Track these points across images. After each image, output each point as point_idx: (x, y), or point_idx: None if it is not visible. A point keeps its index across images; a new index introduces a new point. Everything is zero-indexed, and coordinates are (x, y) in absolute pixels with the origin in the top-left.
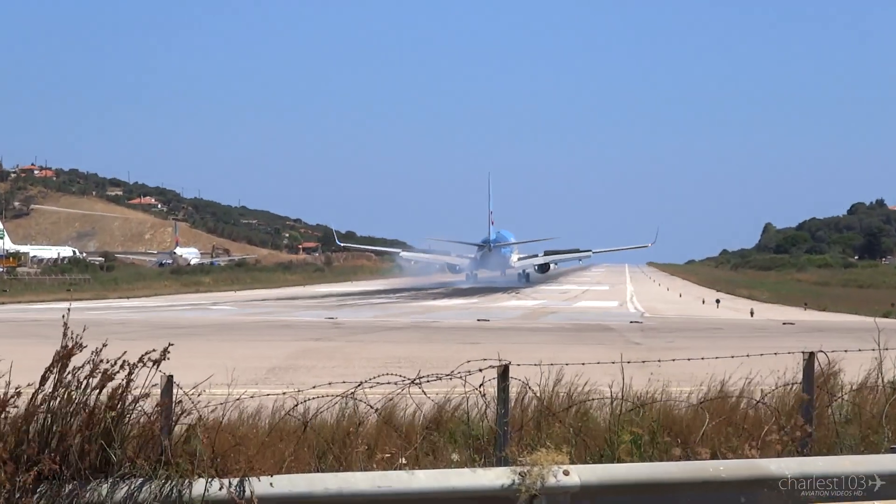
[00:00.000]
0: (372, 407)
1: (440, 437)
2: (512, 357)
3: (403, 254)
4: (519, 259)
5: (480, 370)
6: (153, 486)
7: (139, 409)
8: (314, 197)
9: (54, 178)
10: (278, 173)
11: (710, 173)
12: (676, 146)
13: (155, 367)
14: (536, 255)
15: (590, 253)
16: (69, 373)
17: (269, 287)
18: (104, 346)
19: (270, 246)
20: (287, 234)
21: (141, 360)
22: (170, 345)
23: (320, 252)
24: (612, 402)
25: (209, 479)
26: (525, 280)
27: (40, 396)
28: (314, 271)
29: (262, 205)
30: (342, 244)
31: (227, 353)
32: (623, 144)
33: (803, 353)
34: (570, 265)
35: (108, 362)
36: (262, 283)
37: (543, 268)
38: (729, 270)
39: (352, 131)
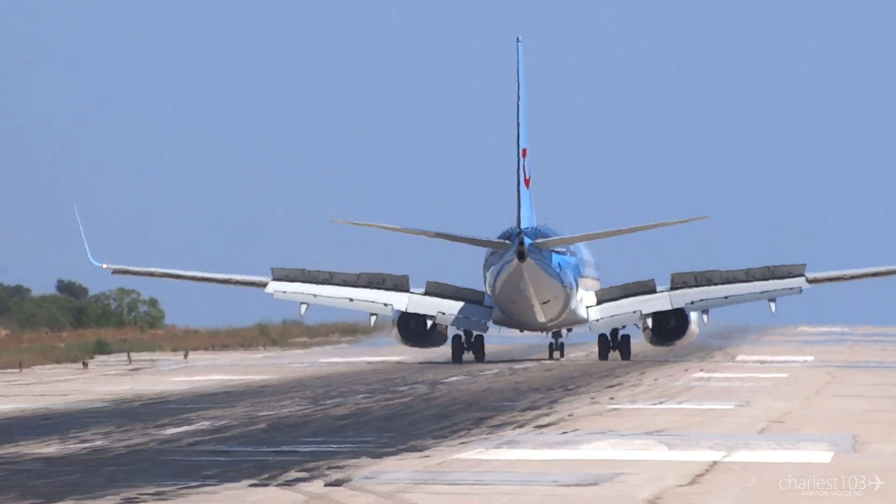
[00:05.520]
0: None
1: None
2: None
3: (276, 286)
4: (599, 301)
5: None
6: None
7: None
8: None
9: None
10: None
11: None
12: None
13: None
14: (650, 287)
15: (799, 283)
16: None
17: None
18: None
19: None
20: None
21: None
22: None
23: None
24: None
25: None
26: (626, 352)
27: None
28: None
29: None
30: (107, 267)
31: None
32: None
33: None
34: (747, 315)
35: None
36: None
37: (668, 323)
38: None
39: None
